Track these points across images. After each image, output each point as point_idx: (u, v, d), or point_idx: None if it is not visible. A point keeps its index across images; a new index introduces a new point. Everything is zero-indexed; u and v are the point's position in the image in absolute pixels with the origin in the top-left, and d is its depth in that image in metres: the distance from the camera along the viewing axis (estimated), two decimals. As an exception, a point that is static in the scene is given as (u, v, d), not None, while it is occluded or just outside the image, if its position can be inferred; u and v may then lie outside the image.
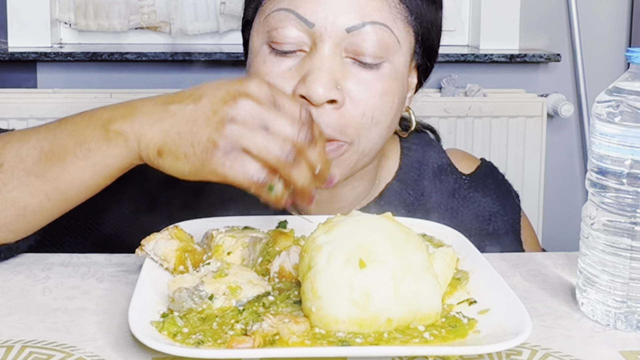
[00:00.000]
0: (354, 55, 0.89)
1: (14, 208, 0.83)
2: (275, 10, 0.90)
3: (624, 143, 0.74)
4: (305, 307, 0.69)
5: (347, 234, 0.70)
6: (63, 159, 0.81)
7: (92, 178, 0.82)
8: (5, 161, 0.83)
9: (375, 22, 0.89)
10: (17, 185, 0.82)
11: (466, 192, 1.07)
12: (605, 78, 2.39)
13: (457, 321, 0.70)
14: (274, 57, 0.90)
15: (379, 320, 0.67)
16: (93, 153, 0.81)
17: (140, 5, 2.35)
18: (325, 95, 0.87)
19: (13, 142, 0.84)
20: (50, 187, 0.82)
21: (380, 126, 0.91)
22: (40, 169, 0.82)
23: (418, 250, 0.70)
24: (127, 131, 0.79)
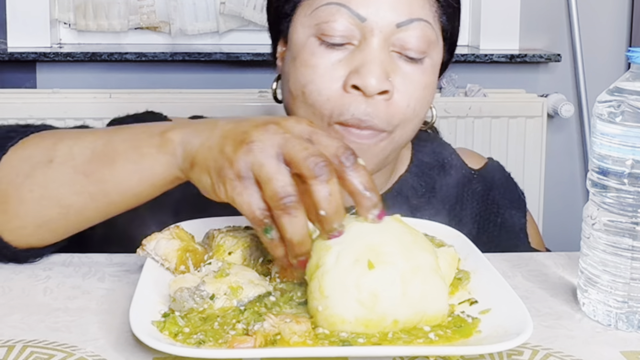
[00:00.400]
0: (400, 50, 0.93)
1: (58, 206, 0.82)
2: (325, 4, 0.93)
3: (625, 143, 0.74)
4: (311, 307, 0.69)
5: (356, 235, 0.70)
6: (114, 161, 0.81)
7: (138, 185, 0.81)
8: (55, 157, 0.82)
9: (421, 19, 0.94)
10: (65, 183, 0.81)
11: (475, 185, 1.11)
12: (605, 78, 2.39)
13: (462, 321, 0.70)
14: (323, 49, 0.93)
15: (385, 321, 0.67)
16: (144, 158, 0.79)
17: (139, 5, 2.34)
18: (379, 87, 0.90)
19: (66, 140, 0.84)
20: (96, 188, 0.81)
21: (418, 118, 0.96)
22: (90, 168, 0.81)
23: (426, 252, 0.70)
24: (177, 139, 0.78)
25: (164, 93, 2.21)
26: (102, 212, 0.84)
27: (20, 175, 0.83)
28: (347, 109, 0.92)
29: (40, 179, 0.82)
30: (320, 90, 0.92)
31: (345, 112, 0.92)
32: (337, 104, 0.92)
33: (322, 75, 0.92)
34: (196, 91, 2.22)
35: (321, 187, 0.68)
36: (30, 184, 0.82)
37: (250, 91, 2.19)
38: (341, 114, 0.92)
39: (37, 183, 0.82)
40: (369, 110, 0.91)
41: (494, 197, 1.11)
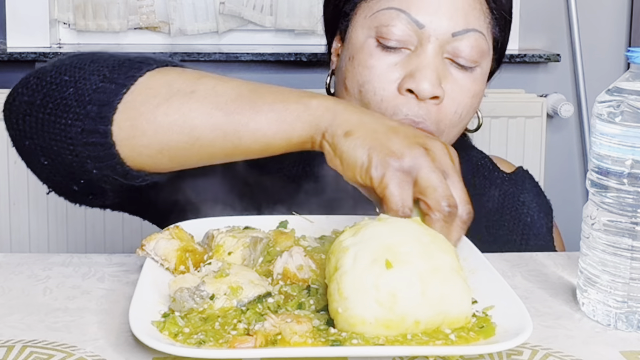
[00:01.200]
0: (452, 57, 0.98)
1: (188, 135, 0.83)
2: (386, 8, 0.97)
3: (625, 143, 0.74)
4: (331, 309, 0.68)
5: (373, 236, 0.70)
6: (258, 107, 0.82)
7: (273, 135, 0.82)
8: (198, 90, 0.84)
9: (476, 30, 0.98)
10: (202, 114, 0.83)
11: (507, 187, 1.15)
12: (605, 78, 2.39)
13: (485, 321, 0.70)
14: (380, 51, 0.97)
15: (406, 321, 0.67)
16: (289, 112, 0.81)
17: (139, 5, 2.34)
18: (432, 91, 0.95)
19: (208, 78, 0.86)
20: (232, 127, 0.82)
21: (462, 124, 1.01)
22: (232, 107, 0.82)
23: (445, 253, 0.70)
24: (327, 105, 0.81)
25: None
26: (227, 153, 0.85)
27: (158, 97, 0.84)
28: (400, 109, 0.96)
29: (177, 105, 0.83)
30: (376, 90, 0.97)
31: (399, 113, 0.96)
32: (390, 104, 0.96)
33: (379, 77, 0.97)
34: (196, 91, 2.22)
35: (439, 223, 0.75)
36: (166, 107, 0.83)
37: (250, 91, 2.19)
38: (395, 114, 0.96)
39: (174, 108, 0.83)
40: (422, 113, 0.95)
41: (524, 200, 1.15)
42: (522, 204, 1.14)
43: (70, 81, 0.85)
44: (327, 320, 0.70)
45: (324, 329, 0.69)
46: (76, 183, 0.88)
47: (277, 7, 2.32)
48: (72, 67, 0.86)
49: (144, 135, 0.83)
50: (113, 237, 2.20)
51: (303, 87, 0.90)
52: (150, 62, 0.87)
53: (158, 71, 0.87)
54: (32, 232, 2.22)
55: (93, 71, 0.85)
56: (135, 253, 0.80)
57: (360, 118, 0.79)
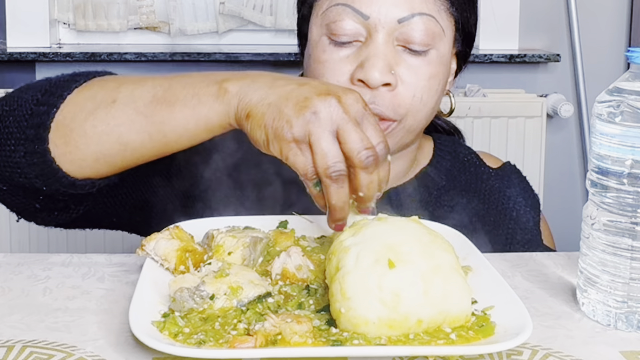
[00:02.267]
0: (404, 44, 0.99)
1: (117, 142, 0.88)
2: (333, 5, 1.00)
3: (625, 143, 0.74)
4: (333, 309, 0.68)
5: (374, 236, 0.70)
6: (173, 105, 0.86)
7: (194, 128, 0.86)
8: (118, 99, 0.89)
9: (423, 14, 0.99)
10: (125, 122, 0.88)
11: (493, 182, 1.16)
12: (605, 78, 2.39)
13: (485, 320, 0.70)
14: (333, 47, 1.00)
15: (409, 321, 0.67)
16: (201, 105, 0.85)
17: (139, 5, 2.34)
18: (381, 79, 0.97)
19: (128, 84, 0.90)
20: (155, 128, 0.87)
21: (427, 107, 1.02)
22: (150, 110, 0.87)
23: (446, 252, 0.70)
24: (235, 90, 0.84)
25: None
26: (157, 151, 0.90)
27: (84, 111, 0.89)
28: None
29: (102, 116, 0.88)
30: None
31: None
32: None
33: (332, 70, 1.00)
34: (196, 91, 2.22)
35: (366, 176, 0.77)
36: (93, 120, 0.88)
37: (250, 91, 2.19)
38: None
39: (99, 119, 0.88)
40: (376, 100, 0.97)
41: (510, 194, 1.15)
42: (508, 199, 1.15)
43: (9, 110, 0.91)
44: (327, 320, 0.70)
45: (324, 329, 0.69)
46: (36, 201, 0.94)
47: (277, 7, 2.32)
48: (11, 97, 0.93)
49: (78, 148, 0.89)
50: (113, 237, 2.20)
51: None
52: (77, 79, 0.93)
53: (84, 86, 0.92)
54: (32, 232, 2.22)
55: (28, 98, 0.92)
56: (135, 253, 0.80)
57: (261, 95, 0.82)
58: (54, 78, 0.96)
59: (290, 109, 0.78)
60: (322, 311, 0.71)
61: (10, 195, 0.95)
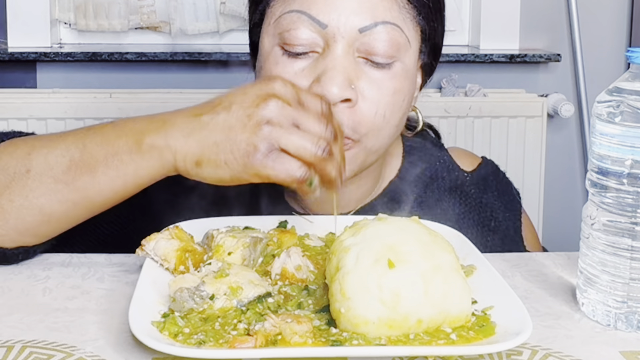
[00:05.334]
0: (366, 55, 0.90)
1: (39, 214, 0.84)
2: (287, 12, 0.91)
3: (625, 143, 0.74)
4: (333, 309, 0.68)
5: (374, 236, 0.70)
6: (94, 168, 0.82)
7: (123, 188, 0.83)
8: (32, 168, 0.84)
9: (387, 22, 0.90)
10: (45, 192, 0.83)
11: (468, 188, 1.08)
12: (605, 78, 2.39)
13: (485, 320, 0.70)
14: (286, 59, 0.91)
15: (409, 321, 0.67)
16: (125, 164, 0.82)
17: (140, 5, 2.34)
18: (340, 95, 0.88)
19: (39, 149, 0.85)
20: (78, 195, 0.83)
21: (390, 125, 0.92)
22: (70, 177, 0.83)
23: (446, 252, 0.70)
24: (162, 144, 0.80)
25: (164, 93, 2.21)
26: (86, 215, 0.86)
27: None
28: None
29: (18, 190, 0.83)
30: None
31: None
32: None
33: None
34: (196, 91, 2.22)
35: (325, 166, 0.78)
36: (9, 194, 0.84)
37: (250, 91, 2.18)
38: None
39: (16, 193, 0.84)
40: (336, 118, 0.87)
41: (487, 201, 1.08)
42: (485, 207, 1.07)
43: None
44: (327, 320, 0.70)
45: (324, 329, 0.69)
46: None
47: (277, 7, 2.32)
48: None
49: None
50: (113, 237, 2.20)
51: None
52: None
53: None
54: (32, 232, 2.22)
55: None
56: (135, 253, 0.80)
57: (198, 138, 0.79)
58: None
59: (242, 134, 0.77)
60: (322, 311, 0.71)
61: None
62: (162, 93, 2.20)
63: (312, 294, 0.74)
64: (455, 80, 2.32)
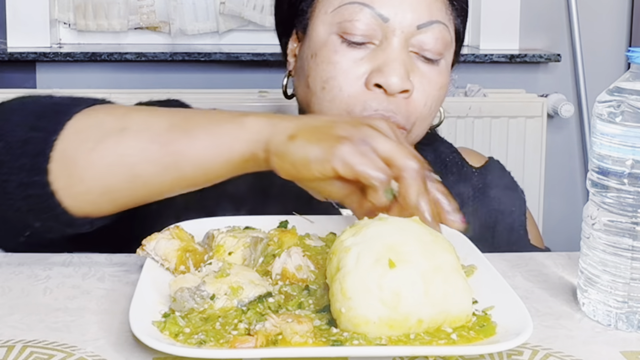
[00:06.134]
0: (418, 50, 0.98)
1: (128, 174, 0.81)
2: (349, 3, 0.96)
3: (625, 143, 0.74)
4: (334, 309, 0.68)
5: (375, 236, 0.70)
6: (193, 132, 0.80)
7: (214, 159, 0.80)
8: (129, 126, 0.81)
9: (440, 22, 0.98)
10: (139, 151, 0.81)
11: (476, 182, 1.13)
12: (605, 78, 2.39)
13: (486, 320, 0.70)
14: (345, 47, 0.96)
15: (409, 321, 0.67)
16: (225, 133, 0.80)
17: (139, 5, 2.35)
18: (401, 86, 0.94)
19: (139, 111, 0.84)
20: (170, 159, 0.80)
21: (431, 117, 1.01)
22: (167, 138, 0.80)
23: (447, 252, 0.70)
24: (264, 121, 0.79)
25: (164, 93, 2.20)
26: (170, 186, 0.83)
27: (90, 140, 0.81)
28: (369, 105, 0.95)
29: (112, 145, 0.81)
30: (342, 86, 0.96)
31: (368, 108, 0.95)
32: (358, 100, 0.96)
33: (345, 72, 0.96)
34: (196, 91, 2.22)
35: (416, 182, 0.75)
36: (101, 150, 0.81)
37: (250, 91, 2.19)
38: (364, 109, 0.96)
39: (108, 149, 0.81)
40: (392, 107, 0.95)
41: (494, 195, 1.13)
42: (491, 200, 1.12)
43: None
44: (328, 320, 0.70)
45: (325, 329, 0.69)
46: (21, 236, 0.86)
47: (277, 7, 2.32)
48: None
49: (83, 182, 0.81)
50: (113, 237, 2.20)
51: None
52: (77, 104, 0.85)
53: (86, 113, 0.84)
54: (32, 232, 2.22)
55: (19, 122, 0.83)
56: (136, 253, 0.80)
57: (299, 121, 0.79)
58: (44, 100, 0.87)
59: (343, 124, 0.76)
60: (323, 311, 0.71)
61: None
62: (162, 93, 2.19)
63: (312, 293, 0.74)
64: (455, 80, 2.32)
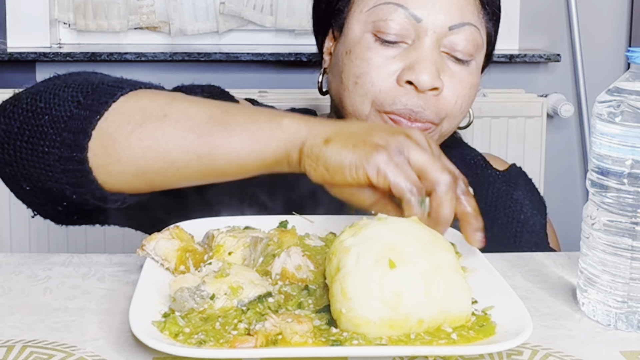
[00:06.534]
0: (449, 50, 1.01)
1: (162, 159, 0.83)
2: (383, 3, 1.00)
3: (625, 143, 0.74)
4: (334, 309, 0.68)
5: (374, 236, 0.70)
6: (231, 127, 0.82)
7: (248, 155, 0.82)
8: (170, 114, 0.84)
9: (471, 24, 1.02)
10: (175, 139, 0.83)
11: (500, 185, 1.17)
12: (605, 78, 2.39)
13: (485, 319, 0.70)
14: (379, 45, 1.00)
15: (410, 321, 0.67)
16: (261, 131, 0.81)
17: (139, 5, 2.34)
18: (432, 83, 0.98)
19: (182, 100, 0.86)
20: (205, 150, 0.82)
21: (461, 116, 1.04)
22: (205, 130, 0.82)
23: (446, 252, 0.71)
24: (301, 123, 0.81)
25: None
26: (201, 175, 0.85)
27: (131, 123, 0.84)
28: (399, 99, 0.99)
29: (150, 130, 0.83)
30: (374, 81, 0.99)
31: (398, 102, 0.99)
32: (389, 95, 0.99)
33: (377, 68, 0.99)
34: (196, 91, 2.22)
35: (447, 195, 0.75)
36: (140, 133, 0.83)
37: (250, 91, 2.19)
38: (393, 103, 0.99)
39: (147, 133, 0.83)
40: (421, 103, 0.98)
41: (517, 197, 1.16)
42: (515, 202, 1.15)
43: (45, 108, 0.86)
44: (327, 320, 0.70)
45: (324, 329, 0.69)
46: (59, 205, 0.90)
47: (277, 7, 2.32)
48: (47, 93, 0.87)
49: (119, 161, 0.84)
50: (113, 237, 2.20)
51: (303, 86, 0.91)
52: (123, 87, 0.88)
53: (131, 96, 0.87)
54: (32, 232, 2.22)
55: (67, 97, 0.86)
56: (136, 253, 0.80)
57: (335, 126, 0.80)
58: (93, 78, 0.91)
59: (381, 134, 0.77)
60: (322, 311, 0.71)
61: (32, 196, 0.90)
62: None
63: (312, 293, 0.75)
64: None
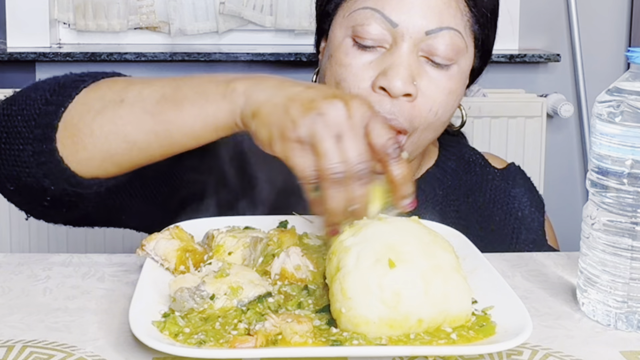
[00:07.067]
0: (428, 55, 0.99)
1: (124, 141, 0.88)
2: (361, 8, 1.00)
3: (625, 143, 0.74)
4: (334, 309, 0.69)
5: (374, 236, 0.70)
6: (181, 104, 0.87)
7: (201, 128, 0.86)
8: (126, 98, 0.89)
9: (451, 28, 0.99)
10: (132, 121, 0.88)
11: (498, 182, 1.17)
12: (605, 78, 2.39)
13: (485, 319, 0.70)
14: (356, 50, 1.00)
15: (409, 320, 0.67)
16: (208, 103, 0.85)
17: (139, 5, 2.34)
18: (404, 89, 0.96)
19: (136, 84, 0.91)
20: (161, 127, 0.87)
21: (440, 121, 1.01)
22: (158, 109, 0.88)
23: (446, 252, 0.71)
24: (241, 89, 0.84)
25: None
26: (164, 151, 0.90)
27: (91, 111, 0.89)
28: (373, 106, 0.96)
29: (110, 116, 0.89)
30: (350, 87, 0.99)
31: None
32: None
33: (354, 75, 0.99)
34: (196, 91, 2.22)
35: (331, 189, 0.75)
36: (100, 120, 0.89)
37: (250, 91, 2.18)
38: None
39: (106, 119, 0.89)
40: (394, 110, 0.96)
41: (515, 195, 1.16)
42: (513, 199, 1.15)
43: (18, 110, 0.92)
44: (327, 320, 0.70)
45: (324, 329, 0.69)
46: (44, 201, 0.94)
47: (277, 7, 2.32)
48: (20, 97, 0.93)
49: (85, 148, 0.89)
50: (113, 237, 2.20)
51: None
52: (86, 79, 0.94)
53: (92, 87, 0.92)
54: (32, 232, 2.22)
55: (37, 97, 0.92)
56: (135, 253, 0.80)
57: (268, 94, 0.82)
58: (62, 78, 0.96)
59: (296, 109, 0.78)
60: (322, 311, 0.71)
61: (18, 195, 0.95)
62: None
63: (312, 293, 0.75)
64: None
